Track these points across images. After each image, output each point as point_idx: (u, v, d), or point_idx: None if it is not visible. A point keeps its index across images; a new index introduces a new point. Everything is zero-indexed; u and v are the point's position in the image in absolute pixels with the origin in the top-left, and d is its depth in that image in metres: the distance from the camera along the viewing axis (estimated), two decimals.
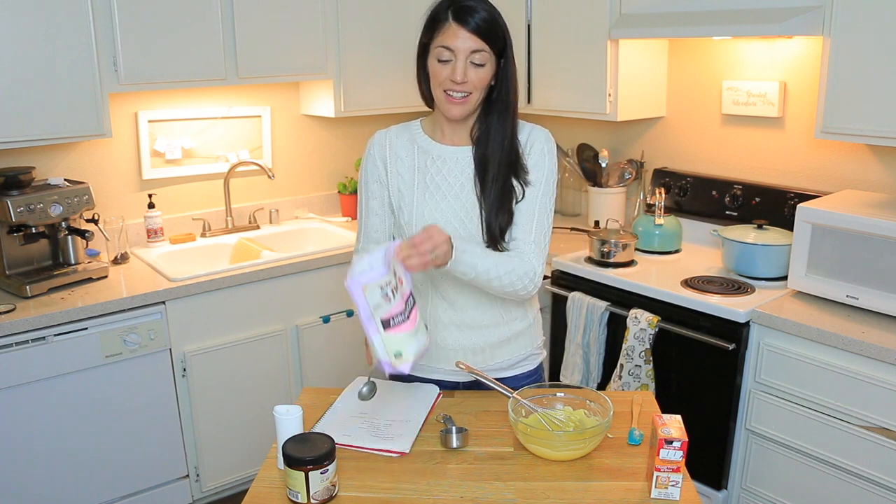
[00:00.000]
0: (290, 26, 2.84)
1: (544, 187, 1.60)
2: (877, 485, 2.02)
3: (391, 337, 1.36)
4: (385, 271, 1.35)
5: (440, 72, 1.52)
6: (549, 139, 1.64)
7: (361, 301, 1.34)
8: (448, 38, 1.49)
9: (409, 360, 1.37)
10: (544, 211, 1.61)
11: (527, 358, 1.74)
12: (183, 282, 2.53)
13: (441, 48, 1.50)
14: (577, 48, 2.86)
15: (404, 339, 1.37)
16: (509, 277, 1.53)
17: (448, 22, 1.49)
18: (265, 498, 1.35)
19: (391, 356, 1.36)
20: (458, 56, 1.49)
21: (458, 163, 1.61)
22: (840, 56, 2.15)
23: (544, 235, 1.61)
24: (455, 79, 1.50)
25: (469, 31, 1.47)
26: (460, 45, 1.48)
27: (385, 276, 1.35)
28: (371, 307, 1.34)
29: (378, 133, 1.68)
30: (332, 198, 3.48)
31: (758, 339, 2.23)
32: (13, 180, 2.40)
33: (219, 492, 2.79)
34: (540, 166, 1.60)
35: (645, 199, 3.07)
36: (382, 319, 1.35)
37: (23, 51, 2.30)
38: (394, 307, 1.36)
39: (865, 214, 2.10)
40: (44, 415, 2.33)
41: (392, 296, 1.35)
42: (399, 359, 1.37)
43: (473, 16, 1.48)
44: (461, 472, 1.42)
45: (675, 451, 1.28)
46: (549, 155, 1.62)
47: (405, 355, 1.37)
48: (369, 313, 1.35)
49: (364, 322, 1.36)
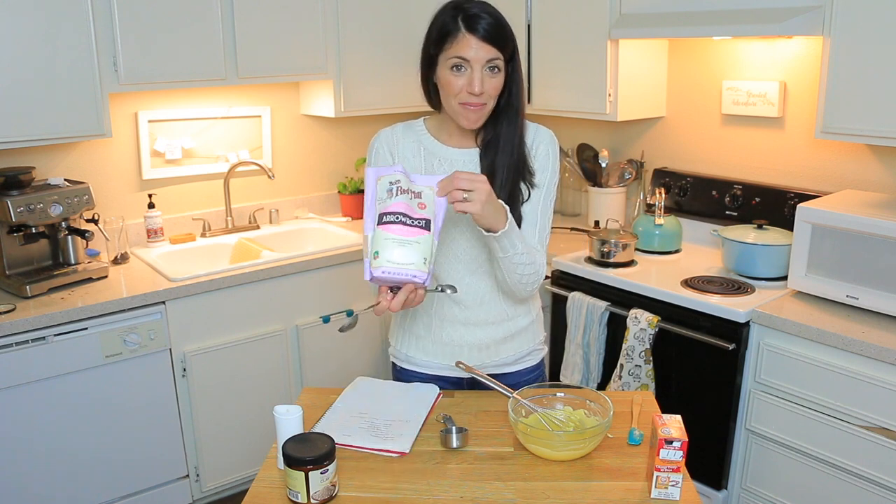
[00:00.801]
0: (290, 26, 2.84)
1: (547, 189, 1.62)
2: (877, 485, 2.02)
3: (379, 232, 1.33)
4: (399, 170, 1.35)
5: (455, 82, 1.48)
6: (553, 141, 1.65)
7: (371, 187, 1.35)
8: (462, 48, 1.46)
9: (382, 265, 1.32)
10: (546, 212, 1.64)
11: (529, 354, 1.76)
12: (183, 282, 2.53)
13: (455, 59, 1.47)
14: (577, 48, 2.86)
15: (388, 240, 1.32)
16: (533, 268, 1.55)
17: (460, 32, 1.46)
18: (265, 498, 1.35)
19: (371, 254, 1.32)
20: (474, 67, 1.46)
21: (465, 165, 1.61)
22: (840, 56, 2.15)
23: (546, 235, 1.65)
24: (473, 90, 1.47)
25: (481, 39, 1.45)
26: (474, 55, 1.46)
27: (397, 173, 1.35)
28: (377, 199, 1.34)
29: (383, 130, 1.67)
30: (332, 198, 3.48)
31: (758, 339, 2.23)
32: (13, 180, 2.40)
33: (219, 492, 2.79)
34: (544, 168, 1.62)
35: (645, 199, 3.07)
36: (379, 213, 1.33)
37: (23, 51, 2.30)
38: (393, 204, 1.33)
39: (865, 214, 2.10)
40: (44, 415, 2.33)
41: (395, 193, 1.33)
42: (375, 259, 1.32)
43: (483, 23, 1.45)
44: (461, 472, 1.41)
45: (675, 451, 1.28)
46: (552, 157, 1.63)
47: (381, 257, 1.32)
48: (373, 203, 1.34)
49: (366, 210, 1.36)
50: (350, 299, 2.94)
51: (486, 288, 1.65)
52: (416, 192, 1.36)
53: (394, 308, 1.37)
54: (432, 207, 1.36)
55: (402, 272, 1.33)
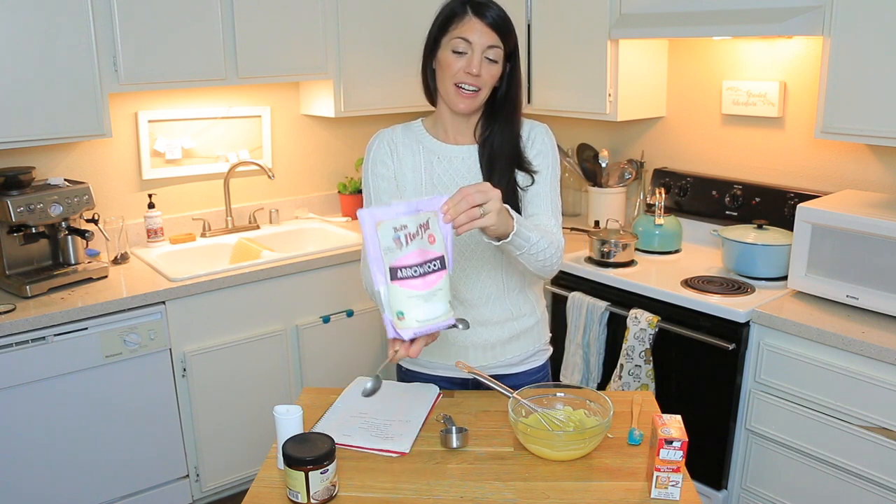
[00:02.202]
0: (290, 26, 2.84)
1: (552, 171, 1.65)
2: (877, 485, 2.02)
3: (397, 290, 1.19)
4: (404, 212, 1.19)
5: (453, 63, 1.53)
6: (548, 132, 1.68)
7: (371, 235, 1.18)
8: (466, 30, 1.51)
9: (411, 325, 1.20)
10: (554, 191, 1.65)
11: (535, 354, 1.76)
12: (183, 282, 2.53)
13: (458, 39, 1.52)
14: (577, 48, 2.86)
15: (411, 298, 1.20)
16: (552, 249, 1.52)
17: (467, 14, 1.52)
18: (265, 498, 1.35)
19: (393, 313, 1.21)
20: (475, 49, 1.51)
21: (464, 162, 1.63)
22: (840, 56, 2.15)
23: (559, 210, 1.66)
24: (471, 70, 1.51)
25: (487, 24, 1.51)
26: (477, 39, 1.51)
27: (402, 217, 1.19)
28: (382, 248, 1.19)
29: (383, 130, 1.69)
30: (332, 198, 3.48)
31: (758, 339, 2.23)
32: (13, 180, 2.40)
33: (219, 492, 2.79)
34: (544, 154, 1.65)
35: (645, 199, 3.07)
36: (390, 267, 1.19)
37: (23, 51, 2.30)
38: (405, 256, 1.19)
39: (865, 214, 2.10)
40: (44, 415, 2.33)
41: (405, 243, 1.19)
42: (401, 320, 1.20)
43: (490, 10, 1.52)
44: (461, 472, 1.41)
45: (675, 451, 1.28)
46: (550, 146, 1.66)
47: (408, 318, 1.20)
48: (378, 254, 1.19)
49: (370, 261, 1.20)
50: (350, 299, 2.94)
51: (494, 286, 1.66)
52: (423, 224, 1.22)
53: (414, 355, 1.28)
54: (440, 236, 1.24)
55: (432, 326, 1.25)
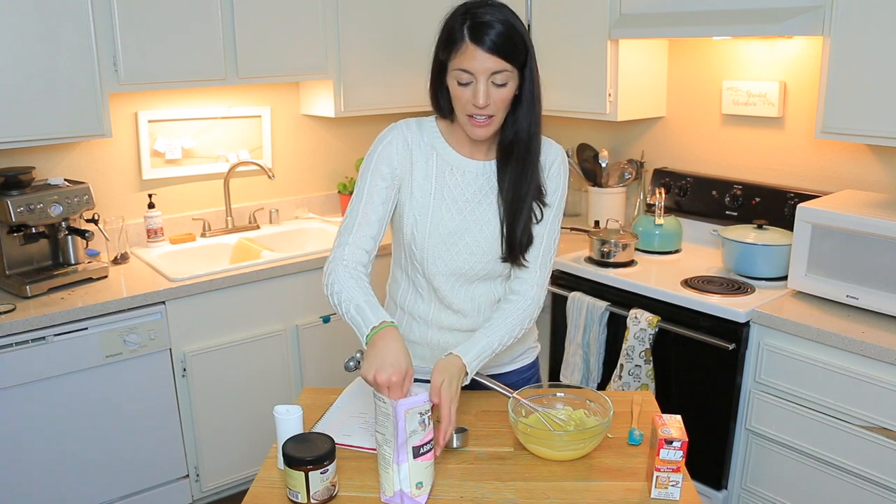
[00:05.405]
0: (290, 26, 2.84)
1: (556, 210, 1.60)
2: (877, 485, 2.02)
3: (418, 465, 1.30)
4: (425, 398, 1.31)
5: (461, 95, 1.44)
6: (565, 159, 1.63)
7: (402, 425, 1.27)
8: (466, 60, 1.41)
9: (426, 492, 1.32)
10: (553, 233, 1.61)
11: (524, 353, 1.77)
12: (183, 282, 2.53)
13: (460, 71, 1.42)
14: (577, 48, 2.86)
15: (427, 468, 1.32)
16: (521, 325, 1.56)
17: (464, 42, 1.40)
18: (265, 498, 1.35)
19: (412, 485, 1.30)
20: (479, 79, 1.41)
21: (478, 178, 1.58)
22: (840, 56, 2.15)
23: (550, 258, 1.62)
24: (477, 103, 1.42)
25: (487, 50, 1.39)
26: (479, 67, 1.40)
27: (426, 403, 1.31)
28: (408, 432, 1.28)
29: (397, 123, 1.59)
30: (332, 198, 3.48)
31: (758, 339, 2.23)
32: (13, 180, 2.40)
33: (219, 492, 2.79)
34: (556, 185, 1.60)
35: (645, 199, 3.07)
36: (414, 447, 1.29)
37: (23, 51, 2.30)
38: (427, 434, 1.31)
39: (865, 214, 2.10)
40: (44, 415, 2.33)
41: (427, 423, 1.30)
42: (420, 489, 1.31)
43: (490, 33, 1.38)
44: (461, 472, 1.41)
45: (675, 451, 1.28)
46: (563, 175, 1.62)
47: (425, 486, 1.32)
48: (405, 437, 1.28)
49: (398, 448, 1.28)
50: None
51: (484, 297, 1.64)
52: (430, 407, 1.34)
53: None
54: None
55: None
